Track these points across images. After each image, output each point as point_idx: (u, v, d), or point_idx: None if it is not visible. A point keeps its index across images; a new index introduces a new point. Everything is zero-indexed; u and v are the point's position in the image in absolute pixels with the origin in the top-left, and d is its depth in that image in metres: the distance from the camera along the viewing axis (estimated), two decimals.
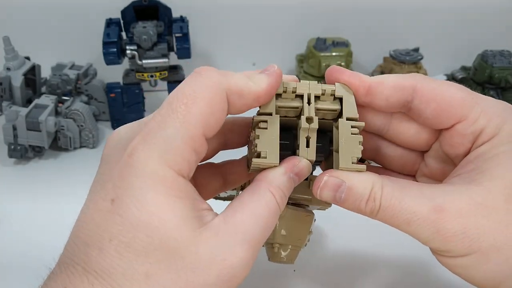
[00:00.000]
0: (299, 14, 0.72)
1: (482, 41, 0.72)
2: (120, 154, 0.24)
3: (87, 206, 0.24)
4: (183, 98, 0.24)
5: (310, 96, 0.28)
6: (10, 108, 0.56)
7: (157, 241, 0.22)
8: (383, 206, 0.26)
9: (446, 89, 0.28)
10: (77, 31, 0.70)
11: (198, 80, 0.25)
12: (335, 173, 0.27)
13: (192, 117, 0.24)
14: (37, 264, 0.27)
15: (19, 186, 0.55)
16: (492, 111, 0.27)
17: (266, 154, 0.27)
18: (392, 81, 0.28)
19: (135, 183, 0.22)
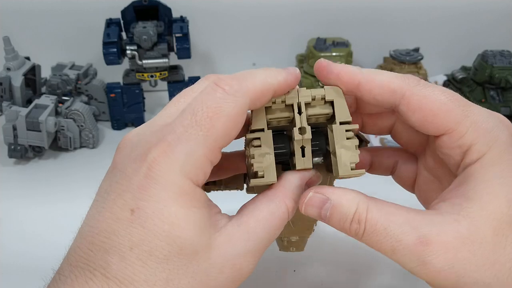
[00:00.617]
0: (299, 14, 0.72)
1: (482, 41, 0.72)
2: (137, 164, 0.24)
3: (101, 213, 0.24)
4: (208, 111, 0.24)
5: (300, 105, 0.28)
6: (10, 108, 0.56)
7: (177, 249, 0.23)
8: (367, 230, 0.26)
9: (436, 99, 0.26)
10: (77, 31, 0.70)
11: (223, 95, 0.25)
12: (321, 189, 0.27)
13: (215, 132, 0.24)
14: (37, 264, 0.27)
15: (19, 186, 0.55)
16: (483, 126, 0.26)
17: (263, 173, 0.27)
18: (381, 81, 0.27)
19: (157, 196, 0.23)
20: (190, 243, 0.23)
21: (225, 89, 0.25)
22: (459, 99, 0.27)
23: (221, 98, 0.24)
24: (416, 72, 0.64)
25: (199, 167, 0.24)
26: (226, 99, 0.24)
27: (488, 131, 0.26)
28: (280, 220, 0.27)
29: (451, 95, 0.27)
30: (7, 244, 0.45)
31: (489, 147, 0.26)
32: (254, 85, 0.26)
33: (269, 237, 0.27)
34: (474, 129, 0.26)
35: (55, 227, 0.27)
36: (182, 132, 0.24)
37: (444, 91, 0.27)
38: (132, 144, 0.25)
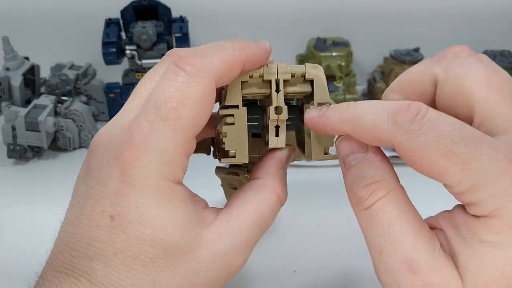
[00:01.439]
0: (299, 14, 0.72)
1: (482, 41, 0.71)
2: (111, 168, 0.23)
3: (79, 219, 0.23)
4: (172, 101, 0.23)
5: (278, 82, 0.26)
6: (9, 108, 0.56)
7: (162, 251, 0.23)
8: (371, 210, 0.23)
9: (427, 155, 0.21)
10: (76, 31, 0.69)
11: (184, 78, 0.23)
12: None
13: (184, 123, 0.23)
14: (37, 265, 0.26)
15: (18, 187, 0.55)
16: (488, 191, 0.21)
17: (235, 153, 0.26)
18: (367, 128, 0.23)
19: (136, 201, 0.23)
20: (174, 244, 0.23)
21: (187, 70, 0.23)
22: (459, 151, 0.21)
23: (184, 83, 0.23)
24: None
25: (175, 164, 0.23)
26: (189, 83, 0.23)
27: (492, 197, 0.21)
28: (272, 209, 0.26)
29: (448, 146, 0.21)
30: (6, 244, 0.45)
31: (489, 212, 0.21)
32: (220, 60, 0.24)
33: (260, 229, 0.26)
34: (475, 190, 0.21)
35: (54, 227, 0.27)
36: (149, 130, 0.23)
37: (440, 140, 0.21)
38: (104, 145, 0.24)
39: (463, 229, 0.22)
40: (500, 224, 0.21)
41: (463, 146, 0.21)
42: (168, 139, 0.23)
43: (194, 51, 0.24)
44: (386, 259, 0.23)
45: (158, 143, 0.23)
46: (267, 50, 0.26)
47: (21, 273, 0.25)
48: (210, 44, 0.25)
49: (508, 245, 0.21)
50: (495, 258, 0.21)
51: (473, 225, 0.21)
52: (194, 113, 0.23)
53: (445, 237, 0.23)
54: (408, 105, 0.22)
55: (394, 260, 0.22)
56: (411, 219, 0.23)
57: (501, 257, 0.21)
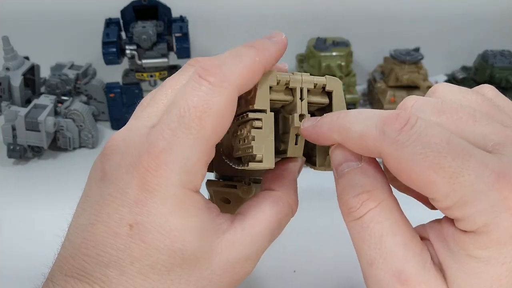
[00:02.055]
0: (299, 14, 0.72)
1: (482, 41, 0.71)
2: (130, 175, 0.23)
3: (94, 225, 0.23)
4: (196, 111, 0.23)
5: (302, 91, 0.26)
6: (9, 108, 0.56)
7: (179, 260, 0.23)
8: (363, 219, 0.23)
9: (414, 166, 0.21)
10: (76, 31, 0.69)
11: (208, 88, 0.23)
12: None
13: (206, 133, 0.23)
14: (36, 265, 0.26)
15: (18, 186, 0.55)
16: (475, 206, 0.20)
17: (262, 157, 0.25)
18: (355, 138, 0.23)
19: (156, 210, 0.22)
20: (191, 253, 0.23)
21: (211, 81, 0.23)
22: (446, 165, 0.20)
23: (208, 93, 0.23)
24: (416, 72, 0.64)
25: (195, 173, 0.23)
26: (213, 93, 0.23)
27: (480, 212, 0.20)
28: (284, 221, 0.27)
29: (435, 160, 0.20)
30: (6, 244, 0.45)
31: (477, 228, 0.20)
32: (242, 69, 0.24)
33: (270, 238, 0.26)
34: (462, 205, 0.20)
35: (54, 227, 0.27)
36: (172, 137, 0.22)
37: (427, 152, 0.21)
38: (121, 151, 0.24)
39: (451, 243, 0.22)
40: (488, 240, 0.20)
41: (450, 160, 0.20)
42: (191, 148, 0.23)
43: (217, 61, 0.24)
44: (376, 271, 0.22)
45: (180, 152, 0.22)
46: (284, 44, 0.26)
47: (21, 273, 0.25)
48: (231, 52, 0.25)
49: (496, 261, 0.20)
50: (482, 274, 0.21)
51: (461, 240, 0.21)
52: (217, 123, 0.23)
53: (432, 249, 0.23)
54: (396, 115, 0.22)
55: (385, 272, 0.22)
56: (403, 230, 0.22)
57: (489, 272, 0.21)
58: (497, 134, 0.22)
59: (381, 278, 0.22)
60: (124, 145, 0.24)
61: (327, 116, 0.25)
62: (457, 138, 0.21)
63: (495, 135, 0.22)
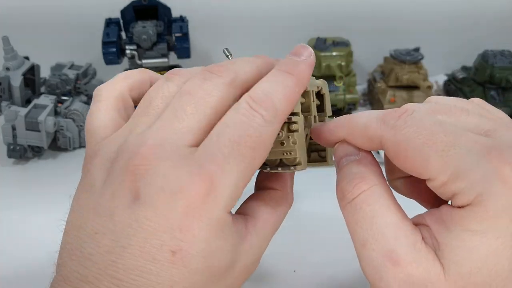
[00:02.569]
0: (299, 14, 0.72)
1: (482, 41, 0.71)
2: (173, 199, 0.22)
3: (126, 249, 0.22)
4: (251, 141, 0.23)
5: (313, 93, 0.28)
6: (9, 108, 0.56)
7: (214, 278, 0.23)
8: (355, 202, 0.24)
9: (410, 146, 0.23)
10: (76, 31, 0.69)
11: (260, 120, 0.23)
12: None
13: (256, 162, 0.23)
14: (36, 265, 0.26)
15: (18, 186, 0.55)
16: (468, 176, 0.21)
17: (301, 160, 0.26)
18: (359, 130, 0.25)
19: (202, 235, 0.22)
20: (224, 268, 0.23)
21: (263, 116, 0.23)
22: (438, 140, 0.22)
23: (261, 126, 0.23)
24: (416, 72, 0.64)
25: (238, 197, 0.24)
26: (266, 126, 0.23)
27: (473, 183, 0.21)
28: (284, 217, 0.28)
29: (428, 136, 0.22)
30: (5, 244, 0.45)
31: (472, 199, 0.21)
32: (288, 103, 0.24)
33: (272, 237, 0.27)
34: (455, 179, 0.22)
35: (54, 227, 0.27)
36: (224, 163, 0.22)
37: (421, 131, 0.23)
38: (160, 172, 0.22)
39: (448, 222, 0.22)
40: (483, 212, 0.21)
41: (442, 136, 0.22)
42: (240, 176, 0.23)
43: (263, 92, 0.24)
44: (368, 252, 0.23)
45: (231, 179, 0.22)
46: (314, 63, 0.27)
47: (20, 273, 0.25)
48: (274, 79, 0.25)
49: (492, 234, 0.21)
50: (479, 247, 0.21)
51: (458, 216, 0.22)
52: (265, 155, 0.24)
53: (429, 232, 0.23)
54: (396, 109, 0.24)
55: (377, 252, 0.23)
56: (394, 213, 0.23)
57: (485, 245, 0.21)
58: (490, 124, 0.24)
59: (373, 259, 0.23)
60: (164, 165, 0.22)
61: (333, 119, 0.27)
62: (449, 124, 0.23)
63: (487, 124, 0.24)
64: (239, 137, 0.23)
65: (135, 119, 0.25)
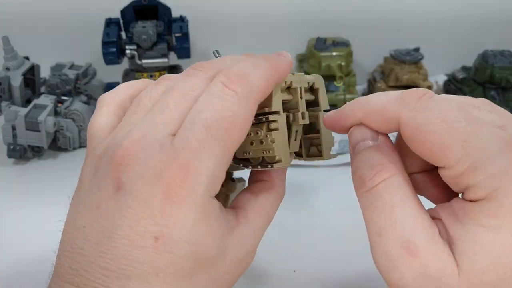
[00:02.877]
0: (299, 14, 0.72)
1: (482, 41, 0.71)
2: (154, 187, 0.22)
3: (113, 239, 0.22)
4: (224, 122, 0.23)
5: (301, 90, 0.28)
6: (9, 108, 0.56)
7: (201, 265, 0.23)
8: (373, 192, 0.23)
9: (431, 130, 0.22)
10: (76, 31, 0.69)
11: (233, 98, 0.23)
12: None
13: (233, 144, 0.23)
14: (36, 265, 0.26)
15: (18, 186, 0.55)
16: (486, 170, 0.21)
17: (282, 158, 0.26)
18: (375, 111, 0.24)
19: (183, 220, 0.22)
20: (212, 256, 0.24)
21: (237, 92, 0.23)
22: (460, 128, 0.22)
23: (234, 104, 0.23)
24: (416, 72, 0.64)
25: (218, 182, 0.24)
26: (240, 105, 0.23)
27: (490, 177, 0.21)
28: (276, 210, 0.28)
29: (451, 123, 0.22)
30: (5, 244, 0.45)
31: (487, 194, 0.21)
32: (264, 82, 0.25)
33: (267, 227, 0.27)
34: (473, 171, 0.21)
35: (54, 227, 0.27)
36: (199, 148, 0.22)
37: (444, 116, 0.22)
38: (141, 162, 0.23)
39: (461, 216, 0.22)
40: (498, 207, 0.21)
41: (465, 125, 0.22)
42: (218, 159, 0.23)
43: (238, 71, 0.24)
44: (385, 241, 0.23)
45: (207, 163, 0.23)
46: (291, 64, 0.27)
47: (20, 272, 0.25)
48: (249, 62, 0.25)
49: (507, 230, 0.21)
50: (493, 243, 0.21)
51: (471, 210, 0.22)
52: (242, 134, 0.24)
53: (443, 226, 0.23)
54: (416, 90, 0.23)
55: (393, 242, 0.22)
56: (414, 204, 0.23)
57: (499, 242, 0.21)
58: (502, 119, 0.24)
59: (389, 249, 0.22)
60: (144, 156, 0.23)
61: (347, 103, 0.26)
62: (471, 111, 0.23)
63: (501, 120, 0.23)
64: (211, 120, 0.23)
65: (125, 119, 0.26)
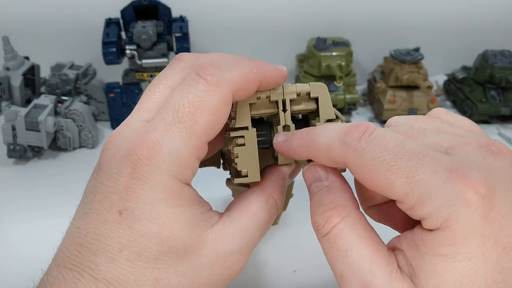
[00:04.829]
0: (299, 14, 0.72)
1: (482, 40, 0.71)
2: (122, 164, 0.23)
3: (87, 214, 0.24)
4: (190, 106, 0.24)
5: (285, 102, 0.27)
6: (9, 108, 0.56)
7: (167, 248, 0.23)
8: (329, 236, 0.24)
9: (373, 170, 0.22)
10: (76, 31, 0.69)
11: (205, 86, 0.24)
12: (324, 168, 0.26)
13: (199, 128, 0.24)
14: (36, 265, 0.26)
15: (18, 186, 0.55)
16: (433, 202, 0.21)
17: (247, 172, 0.27)
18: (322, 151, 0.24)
19: (145, 197, 0.23)
20: (179, 242, 0.23)
21: (207, 80, 0.24)
22: (402, 165, 0.21)
23: (203, 91, 0.24)
24: (416, 72, 0.64)
25: (186, 165, 0.24)
26: (208, 91, 0.24)
27: (439, 209, 0.21)
28: (270, 213, 0.27)
29: (392, 161, 0.21)
30: (6, 244, 0.45)
31: (440, 224, 0.21)
32: (239, 74, 0.25)
33: (259, 232, 0.27)
34: (422, 204, 0.21)
35: (54, 227, 0.27)
36: (165, 130, 0.23)
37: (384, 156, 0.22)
38: (116, 144, 0.25)
39: (421, 246, 0.22)
40: (451, 236, 0.21)
41: (405, 160, 0.21)
42: (182, 142, 0.23)
43: (216, 62, 0.25)
44: (347, 284, 0.23)
45: (172, 144, 0.23)
46: (283, 74, 0.27)
47: (20, 272, 0.25)
48: (230, 57, 0.26)
49: (463, 257, 0.21)
50: (452, 272, 0.21)
51: (429, 240, 0.22)
52: (209, 120, 0.24)
53: (405, 258, 0.23)
54: (356, 126, 0.23)
55: (354, 285, 0.23)
56: (368, 244, 0.23)
57: (457, 269, 0.21)
58: (448, 141, 0.24)
59: None
60: (120, 139, 0.25)
61: (297, 132, 0.26)
62: (412, 142, 0.22)
63: (446, 142, 0.23)
64: (179, 105, 0.24)
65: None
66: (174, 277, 0.23)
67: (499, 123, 0.66)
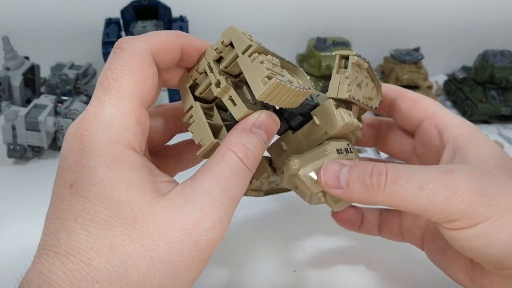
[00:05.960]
0: (299, 14, 0.72)
1: (482, 40, 0.72)
2: (70, 143, 0.25)
3: (51, 199, 0.25)
4: (112, 74, 0.25)
5: (210, 64, 0.29)
6: (9, 108, 0.56)
7: (115, 212, 0.23)
8: (390, 177, 0.27)
9: (422, 97, 0.35)
10: (76, 31, 0.70)
11: (122, 54, 0.26)
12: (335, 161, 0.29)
13: (125, 91, 0.25)
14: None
15: (18, 186, 0.55)
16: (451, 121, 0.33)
17: (203, 141, 0.28)
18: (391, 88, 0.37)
19: (89, 165, 0.24)
20: (125, 205, 0.23)
21: (123, 47, 0.26)
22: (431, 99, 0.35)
23: (122, 58, 0.26)
24: (416, 72, 0.64)
25: (124, 128, 0.25)
26: (126, 57, 0.26)
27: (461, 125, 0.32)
28: (229, 167, 0.25)
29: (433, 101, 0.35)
30: (6, 244, 0.45)
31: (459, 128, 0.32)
32: (155, 38, 0.27)
33: (220, 190, 0.25)
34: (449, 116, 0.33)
35: None
36: (97, 102, 0.25)
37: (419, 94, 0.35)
38: (72, 133, 0.26)
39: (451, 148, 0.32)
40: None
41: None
42: (113, 106, 0.25)
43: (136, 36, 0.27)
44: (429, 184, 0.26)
45: (104, 111, 0.25)
46: (206, 42, 0.29)
47: (21, 271, 0.25)
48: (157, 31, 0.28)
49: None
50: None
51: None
52: (135, 82, 0.26)
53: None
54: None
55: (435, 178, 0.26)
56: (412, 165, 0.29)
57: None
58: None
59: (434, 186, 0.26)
60: (74, 128, 0.26)
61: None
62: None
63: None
64: (104, 77, 0.26)
65: None
66: (129, 244, 0.23)
67: (499, 123, 0.66)
